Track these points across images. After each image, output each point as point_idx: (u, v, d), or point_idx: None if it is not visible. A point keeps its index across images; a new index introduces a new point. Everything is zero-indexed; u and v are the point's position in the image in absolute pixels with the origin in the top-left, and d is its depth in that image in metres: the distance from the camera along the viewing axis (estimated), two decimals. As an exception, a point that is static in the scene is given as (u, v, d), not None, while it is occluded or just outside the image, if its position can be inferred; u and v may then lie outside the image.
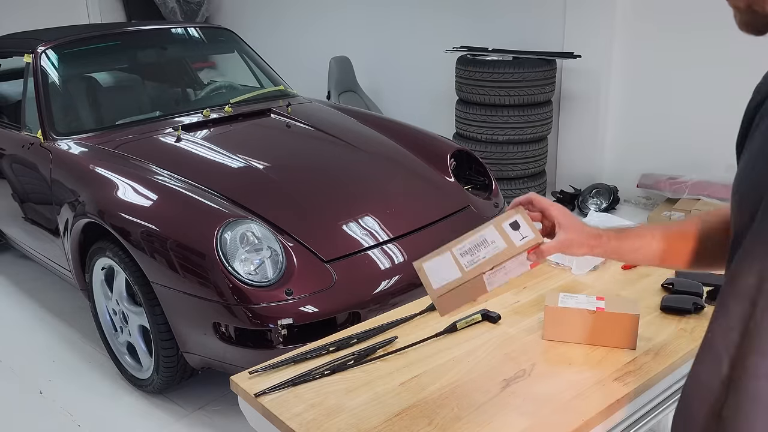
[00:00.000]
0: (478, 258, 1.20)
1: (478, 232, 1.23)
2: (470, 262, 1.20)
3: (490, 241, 1.21)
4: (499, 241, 1.20)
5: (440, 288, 1.20)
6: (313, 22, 6.54)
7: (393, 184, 3.05)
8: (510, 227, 1.21)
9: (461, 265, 1.20)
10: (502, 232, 1.21)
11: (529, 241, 1.19)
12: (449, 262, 1.22)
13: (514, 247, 1.19)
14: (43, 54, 3.46)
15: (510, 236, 1.20)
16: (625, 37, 4.59)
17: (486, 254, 1.20)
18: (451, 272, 1.20)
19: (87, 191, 2.89)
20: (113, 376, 2.96)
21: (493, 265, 1.18)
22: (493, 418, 1.31)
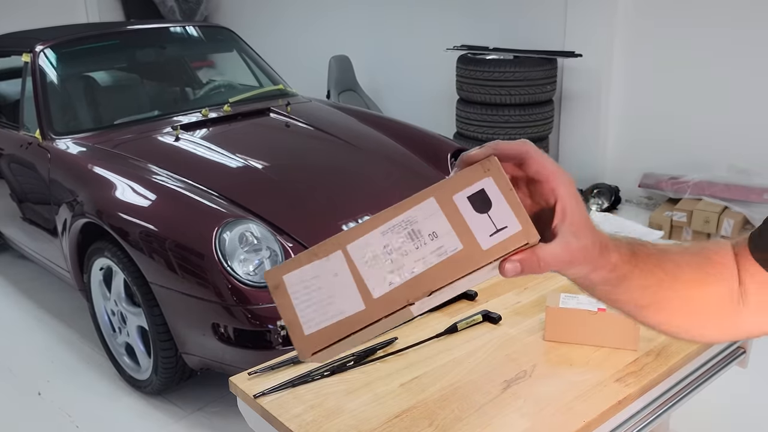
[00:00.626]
0: (403, 269, 0.65)
1: (407, 209, 0.66)
2: (386, 277, 0.65)
3: (428, 231, 0.65)
4: (448, 233, 0.64)
5: (318, 334, 0.66)
6: (312, 20, 6.53)
7: (393, 183, 3.03)
8: (471, 203, 0.65)
9: (366, 286, 0.65)
10: (454, 214, 0.65)
11: (511, 239, 0.64)
12: (342, 277, 0.66)
13: (479, 251, 0.64)
14: (42, 53, 3.45)
15: (470, 223, 0.64)
16: (627, 35, 4.57)
17: (420, 261, 0.64)
18: (343, 300, 0.65)
19: (85, 191, 2.87)
20: (112, 377, 2.95)
21: (433, 288, 0.64)
22: (494, 419, 1.31)
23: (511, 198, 0.64)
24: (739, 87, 4.14)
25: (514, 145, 0.67)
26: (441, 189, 0.66)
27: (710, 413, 2.44)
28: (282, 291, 0.68)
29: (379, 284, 0.65)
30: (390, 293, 0.65)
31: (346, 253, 0.66)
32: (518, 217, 0.64)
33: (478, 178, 0.65)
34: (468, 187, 0.65)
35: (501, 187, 0.64)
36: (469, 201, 0.65)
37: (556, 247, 0.66)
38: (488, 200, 0.64)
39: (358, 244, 0.66)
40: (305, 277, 0.67)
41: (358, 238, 0.66)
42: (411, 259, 0.65)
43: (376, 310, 0.65)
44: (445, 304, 1.70)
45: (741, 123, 4.19)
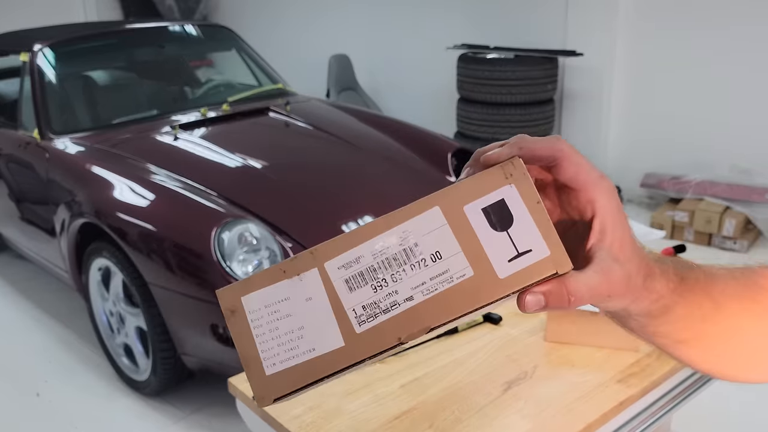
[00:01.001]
0: (396, 297, 0.51)
1: (405, 219, 0.52)
2: (373, 306, 0.51)
3: (430, 251, 0.51)
4: (455, 254, 0.51)
5: (282, 375, 0.52)
6: (312, 19, 6.52)
7: (393, 183, 3.02)
8: (487, 217, 0.51)
9: (347, 316, 0.51)
10: (464, 229, 0.51)
11: (536, 267, 0.50)
12: (317, 303, 0.52)
13: (494, 280, 0.50)
14: (40, 53, 3.44)
15: (484, 243, 0.51)
16: (628, 34, 4.56)
17: (417, 289, 0.51)
18: (317, 333, 0.51)
19: (83, 191, 2.86)
20: (110, 378, 2.94)
21: (432, 324, 0.51)
22: (495, 420, 1.30)
23: (538, 213, 0.50)
24: (741, 86, 4.13)
25: (544, 144, 0.53)
26: (449, 196, 0.51)
27: (712, 414, 2.43)
28: (239, 317, 0.52)
29: (363, 315, 0.51)
30: (377, 328, 0.50)
31: (323, 272, 0.51)
32: (547, 239, 0.50)
33: (498, 185, 0.51)
34: (484, 195, 0.51)
35: (526, 199, 0.50)
36: (484, 214, 0.51)
37: (593, 276, 0.52)
38: (509, 214, 0.50)
39: (340, 261, 0.51)
40: (270, 300, 0.52)
41: (339, 253, 0.52)
42: (406, 285, 0.50)
43: (359, 348, 0.50)
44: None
45: (743, 122, 4.17)
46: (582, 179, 0.54)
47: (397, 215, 0.52)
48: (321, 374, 0.52)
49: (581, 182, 0.54)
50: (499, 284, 0.50)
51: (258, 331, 0.52)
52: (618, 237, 0.53)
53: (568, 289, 0.51)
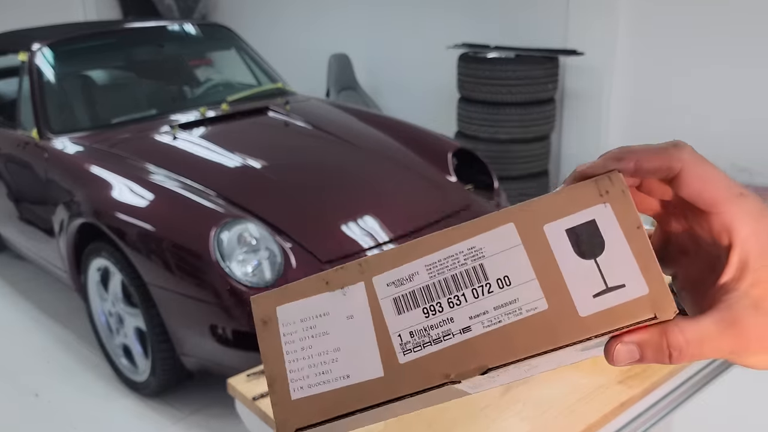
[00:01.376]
0: (451, 326, 0.43)
1: (472, 235, 0.44)
2: (421, 335, 0.44)
3: (497, 274, 0.43)
4: (528, 281, 0.43)
5: (309, 402, 0.45)
6: (311, 18, 6.51)
7: (393, 183, 3.01)
8: (572, 240, 0.43)
9: (391, 342, 0.44)
10: (542, 253, 0.43)
11: (628, 307, 0.41)
12: (359, 323, 0.46)
13: (573, 319, 0.41)
14: (39, 52, 3.43)
15: (565, 272, 0.42)
16: (629, 34, 4.55)
17: (477, 319, 0.43)
18: (354, 357, 0.45)
19: (82, 191, 2.86)
20: (109, 378, 2.93)
21: (490, 364, 0.42)
22: (494, 422, 1.29)
23: (637, 241, 0.41)
24: (742, 85, 4.12)
25: (656, 152, 0.43)
26: (528, 211, 0.43)
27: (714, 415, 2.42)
28: (271, 329, 0.47)
29: (410, 344, 0.44)
30: (423, 360, 0.43)
31: (370, 287, 0.45)
32: (645, 274, 0.40)
33: (589, 203, 0.42)
34: (570, 215, 0.42)
35: (623, 222, 0.41)
36: (568, 236, 0.42)
37: (709, 326, 0.40)
38: (600, 239, 0.41)
39: (391, 276, 0.45)
40: (308, 314, 0.46)
41: (392, 267, 0.45)
42: (464, 314, 0.43)
43: (400, 382, 0.43)
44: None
45: (743, 121, 4.16)
46: (711, 197, 0.42)
47: (464, 229, 0.45)
48: (352, 407, 0.44)
49: (711, 202, 0.42)
50: (578, 324, 0.41)
51: (289, 348, 0.46)
52: (765, 277, 0.41)
53: (669, 340, 0.40)
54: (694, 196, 0.42)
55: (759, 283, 0.41)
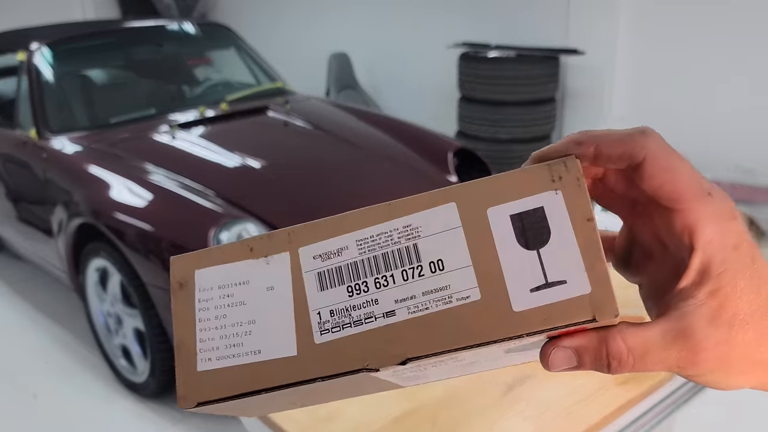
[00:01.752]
0: (374, 308, 0.40)
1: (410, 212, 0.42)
2: (343, 314, 0.40)
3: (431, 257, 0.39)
4: (463, 267, 0.39)
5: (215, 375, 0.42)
6: (311, 17, 6.50)
7: (393, 183, 3.00)
8: (515, 227, 0.38)
9: (308, 320, 0.41)
10: (481, 238, 0.39)
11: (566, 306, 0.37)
12: (279, 295, 0.42)
13: (506, 313, 0.37)
14: (37, 51, 3.42)
15: (504, 261, 0.38)
16: (630, 33, 4.54)
17: (403, 303, 0.39)
18: (268, 332, 0.41)
19: (81, 191, 2.85)
20: (107, 379, 2.92)
21: (411, 354, 0.39)
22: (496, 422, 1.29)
23: (586, 235, 0.37)
24: (745, 84, 4.11)
25: (620, 137, 0.39)
26: (471, 192, 0.40)
27: (715, 417, 2.41)
28: (187, 293, 0.44)
29: (329, 323, 0.40)
30: (340, 343, 0.39)
31: (295, 258, 0.42)
32: (590, 271, 0.37)
33: (540, 188, 0.39)
34: (518, 199, 0.39)
35: (574, 213, 0.38)
36: (512, 222, 0.38)
37: (655, 336, 0.37)
38: (546, 229, 0.38)
39: (318, 249, 0.41)
40: (227, 281, 0.42)
41: (321, 239, 0.42)
42: (389, 296, 0.39)
43: (313, 363, 0.40)
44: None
45: (746, 121, 4.15)
46: (675, 193, 0.37)
47: (402, 205, 0.42)
48: (259, 385, 0.41)
49: (674, 197, 0.38)
50: (511, 319, 0.37)
51: (202, 315, 0.43)
52: (729, 288, 0.36)
53: (609, 348, 0.37)
54: (656, 189, 0.38)
55: (718, 292, 0.37)
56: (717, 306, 0.36)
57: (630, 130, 0.39)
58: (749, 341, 0.36)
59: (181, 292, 0.44)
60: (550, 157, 0.40)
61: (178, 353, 0.43)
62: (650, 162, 0.38)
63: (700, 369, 0.37)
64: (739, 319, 0.36)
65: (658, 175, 0.38)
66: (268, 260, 0.42)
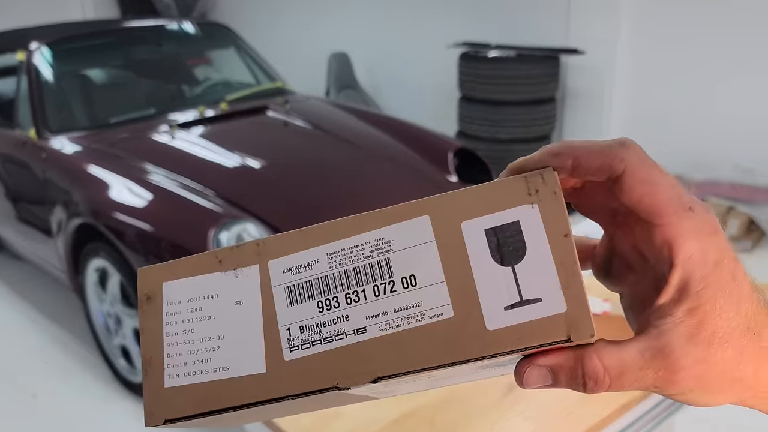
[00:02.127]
0: (344, 325, 0.39)
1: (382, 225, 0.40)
2: (312, 331, 0.39)
3: (403, 272, 0.38)
4: (435, 283, 0.38)
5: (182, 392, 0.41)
6: (311, 17, 6.50)
7: (393, 183, 3.00)
8: (490, 242, 0.37)
9: (278, 337, 0.40)
10: (455, 253, 0.38)
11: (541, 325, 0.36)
12: (247, 310, 0.41)
13: (479, 331, 0.37)
14: (37, 51, 3.42)
15: (477, 277, 0.37)
16: (630, 33, 4.54)
17: (374, 320, 0.38)
18: (237, 348, 0.40)
19: (80, 191, 2.84)
20: (107, 379, 2.92)
21: (382, 372, 0.38)
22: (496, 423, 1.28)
23: (563, 251, 0.36)
24: (745, 85, 4.11)
25: (598, 149, 0.38)
26: (446, 204, 0.39)
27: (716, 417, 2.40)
28: (155, 306, 0.42)
29: (299, 339, 0.39)
30: (310, 360, 0.39)
31: (264, 272, 0.41)
32: (566, 289, 0.36)
33: (515, 202, 0.38)
34: (493, 213, 0.38)
35: (550, 228, 0.37)
36: (487, 237, 0.37)
37: (633, 354, 0.36)
38: (522, 244, 0.37)
39: (288, 262, 0.40)
40: (195, 294, 0.42)
41: (291, 252, 0.40)
42: (361, 312, 0.38)
43: (282, 381, 0.39)
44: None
45: (746, 121, 4.15)
46: (654, 207, 0.37)
47: (375, 217, 0.40)
48: (227, 403, 0.40)
49: (653, 211, 0.37)
50: (485, 338, 0.36)
51: (170, 329, 0.42)
52: (708, 306, 0.36)
53: (585, 368, 0.36)
54: (636, 203, 0.37)
55: (697, 309, 0.36)
56: (696, 324, 0.36)
57: (609, 141, 0.38)
58: (728, 359, 0.36)
59: (149, 305, 0.43)
60: (527, 169, 0.39)
61: (146, 368, 0.42)
62: (629, 175, 0.37)
63: (678, 388, 0.37)
64: (718, 338, 0.36)
65: (637, 188, 0.37)
66: (237, 273, 0.41)
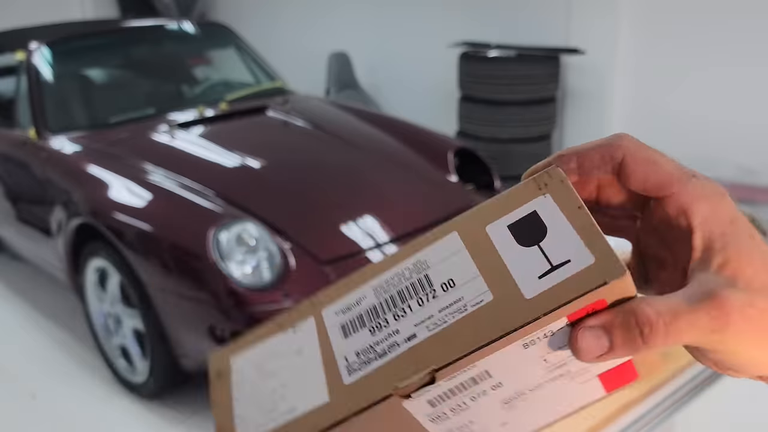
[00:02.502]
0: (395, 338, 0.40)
1: (418, 250, 0.42)
2: (367, 353, 0.41)
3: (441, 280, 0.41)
4: (472, 279, 0.40)
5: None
6: (311, 17, 6.49)
7: (393, 183, 2.99)
8: (514, 234, 0.40)
9: (337, 367, 0.42)
10: (485, 251, 0.40)
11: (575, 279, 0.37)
12: (307, 356, 0.43)
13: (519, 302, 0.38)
14: (37, 51, 3.41)
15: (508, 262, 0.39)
16: (631, 32, 4.53)
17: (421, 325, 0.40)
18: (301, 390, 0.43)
19: (80, 191, 2.84)
20: (106, 380, 2.91)
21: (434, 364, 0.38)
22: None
23: (579, 219, 0.39)
24: (746, 84, 4.10)
25: (599, 145, 0.41)
26: (470, 218, 0.42)
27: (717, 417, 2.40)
28: (224, 379, 0.46)
29: (356, 363, 0.41)
30: (369, 376, 0.40)
31: (319, 319, 0.44)
32: (590, 246, 0.37)
33: (529, 197, 0.41)
34: (511, 212, 0.41)
35: (564, 206, 0.39)
36: (511, 231, 0.40)
37: (684, 299, 0.36)
38: (541, 226, 0.39)
39: (339, 305, 0.43)
40: (259, 359, 0.45)
41: (341, 297, 0.44)
42: (409, 323, 0.40)
43: (344, 402, 0.40)
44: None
45: (748, 121, 4.15)
46: (661, 180, 0.40)
47: (410, 247, 0.43)
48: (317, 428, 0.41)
49: (661, 184, 0.40)
50: (525, 306, 0.37)
51: (237, 394, 0.45)
52: (735, 259, 0.37)
53: (637, 316, 0.35)
54: (642, 182, 0.40)
55: (727, 264, 0.37)
56: (730, 276, 0.37)
57: (605, 137, 0.41)
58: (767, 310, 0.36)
59: (219, 380, 0.47)
60: (537, 172, 0.42)
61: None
62: (630, 158, 0.40)
63: (732, 330, 0.36)
64: (755, 288, 0.36)
65: (640, 168, 0.40)
66: (295, 329, 0.45)
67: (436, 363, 0.38)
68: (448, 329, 0.39)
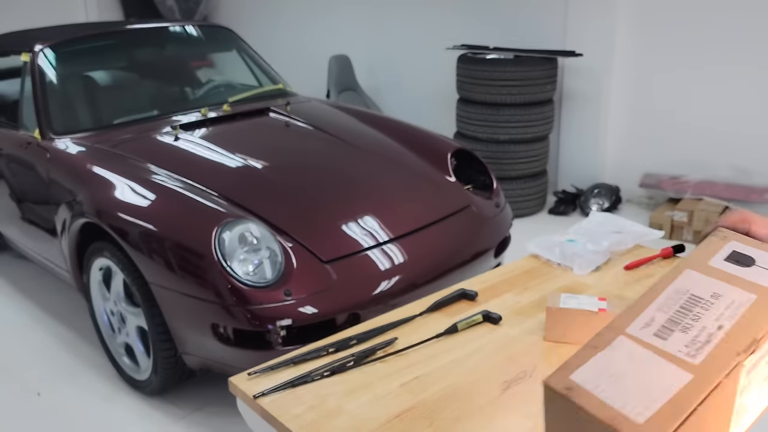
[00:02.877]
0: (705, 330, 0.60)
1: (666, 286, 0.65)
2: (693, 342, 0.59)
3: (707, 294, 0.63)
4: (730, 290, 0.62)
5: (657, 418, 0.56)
6: (312, 20, 6.52)
7: (393, 183, 3.02)
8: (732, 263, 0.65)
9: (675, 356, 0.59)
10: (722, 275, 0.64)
11: None
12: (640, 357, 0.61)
13: None
14: (41, 53, 3.44)
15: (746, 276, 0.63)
16: (628, 35, 4.57)
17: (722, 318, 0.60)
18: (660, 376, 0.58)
19: (84, 191, 2.87)
20: (111, 377, 2.95)
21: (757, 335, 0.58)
22: (494, 419, 1.30)
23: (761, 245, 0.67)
24: (741, 86, 4.14)
25: (735, 217, 0.73)
26: (691, 262, 0.67)
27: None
28: (580, 391, 0.62)
29: (692, 350, 0.60)
30: (712, 354, 0.59)
31: (627, 336, 0.64)
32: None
33: (721, 245, 0.67)
34: (717, 253, 0.66)
35: (750, 244, 0.66)
36: (728, 262, 0.65)
37: None
38: (747, 255, 0.65)
39: (638, 324, 0.65)
40: (597, 370, 0.63)
41: (633, 320, 0.65)
42: (709, 320, 0.62)
43: (708, 374, 0.58)
44: (444, 304, 1.69)
45: (742, 122, 4.18)
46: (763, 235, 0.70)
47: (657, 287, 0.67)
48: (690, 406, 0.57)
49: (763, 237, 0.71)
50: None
51: (604, 394, 0.61)
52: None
53: None
54: (763, 237, 0.69)
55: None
56: None
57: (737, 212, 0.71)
58: None
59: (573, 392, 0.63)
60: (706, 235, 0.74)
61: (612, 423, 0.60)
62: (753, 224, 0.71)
63: None
64: None
65: (760, 230, 0.70)
66: (611, 347, 0.64)
67: (756, 334, 0.58)
68: (745, 316, 0.60)
